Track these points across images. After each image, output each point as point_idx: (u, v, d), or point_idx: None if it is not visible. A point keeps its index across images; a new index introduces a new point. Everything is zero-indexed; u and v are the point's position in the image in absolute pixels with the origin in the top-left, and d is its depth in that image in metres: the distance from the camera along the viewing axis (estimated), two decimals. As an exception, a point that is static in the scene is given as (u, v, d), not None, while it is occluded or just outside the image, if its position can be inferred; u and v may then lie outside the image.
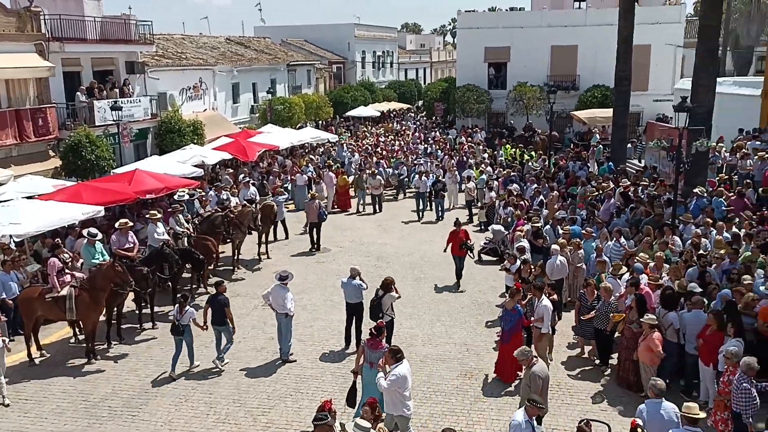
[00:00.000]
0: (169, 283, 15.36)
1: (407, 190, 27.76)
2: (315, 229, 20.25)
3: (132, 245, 15.03)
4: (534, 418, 8.02)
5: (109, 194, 17.21)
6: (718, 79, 21.06)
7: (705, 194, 17.42)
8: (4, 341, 11.38)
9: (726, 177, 19.55)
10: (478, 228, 22.43)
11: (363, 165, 27.95)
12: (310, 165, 27.62)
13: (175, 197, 18.86)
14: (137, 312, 14.55)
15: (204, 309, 12.68)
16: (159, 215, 16.15)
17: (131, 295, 14.22)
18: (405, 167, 28.03)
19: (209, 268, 17.07)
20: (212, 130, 28.59)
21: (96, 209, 16.27)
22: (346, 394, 10.16)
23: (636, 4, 25.77)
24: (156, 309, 14.82)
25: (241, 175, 23.93)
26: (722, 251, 13.20)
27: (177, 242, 16.28)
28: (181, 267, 15.29)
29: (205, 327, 12.34)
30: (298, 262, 18.91)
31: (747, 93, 26.37)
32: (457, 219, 17.48)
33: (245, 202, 19.42)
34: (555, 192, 20.84)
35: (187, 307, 12.22)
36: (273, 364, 12.61)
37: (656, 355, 10.37)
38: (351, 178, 26.80)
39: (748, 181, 18.22)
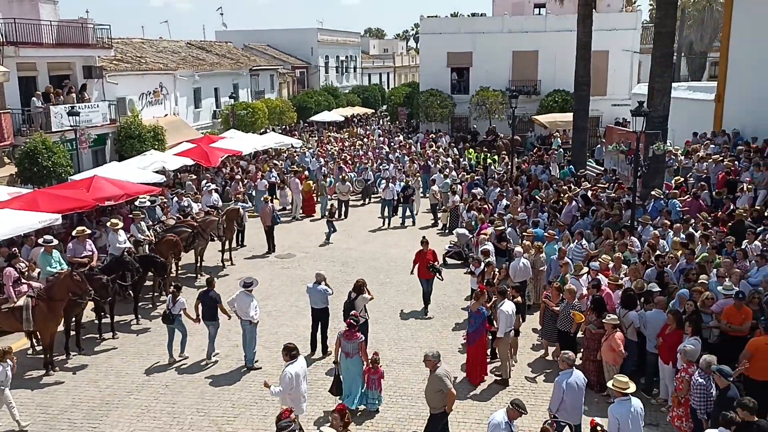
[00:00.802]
0: (130, 292, 15.08)
1: (372, 196, 27.80)
2: (269, 233, 20.51)
3: (90, 253, 14.74)
4: (513, 421, 8.05)
5: (67, 201, 16.80)
6: (673, 84, 21.56)
7: (662, 196, 17.85)
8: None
9: (682, 179, 20.05)
10: (442, 231, 22.58)
11: (328, 171, 27.91)
12: (273, 170, 27.44)
13: (136, 204, 18.55)
14: (97, 322, 14.23)
15: (195, 304, 12.79)
16: (119, 223, 15.85)
17: (90, 305, 13.92)
18: (371, 172, 28.04)
19: (171, 275, 16.84)
20: (173, 135, 28.21)
21: (53, 217, 15.85)
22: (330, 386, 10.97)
23: (594, 10, 26.28)
24: (116, 318, 14.52)
25: (204, 182, 23.64)
26: (678, 252, 13.54)
27: (138, 250, 16.01)
28: (142, 275, 15.02)
29: (197, 320, 12.67)
30: (263, 268, 18.76)
31: (701, 98, 27.11)
32: (424, 238, 15.59)
33: (208, 209, 19.20)
34: (518, 195, 21.11)
35: (180, 297, 12.74)
36: (238, 371, 12.48)
37: (618, 355, 10.56)
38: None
39: (703, 183, 18.72)
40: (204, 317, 12.72)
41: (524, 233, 16.46)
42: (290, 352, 9.43)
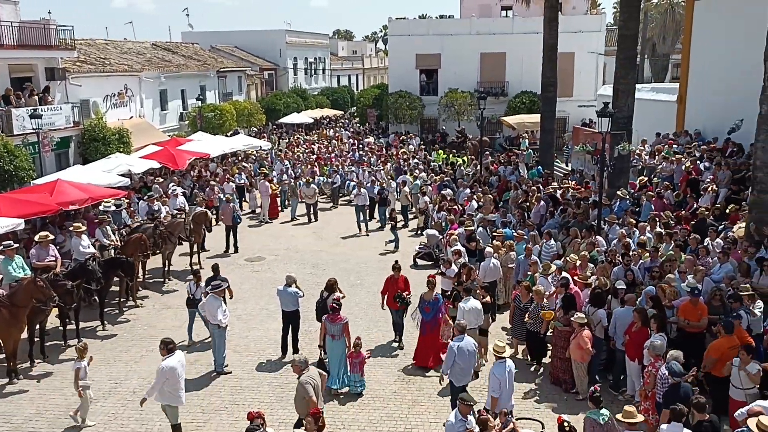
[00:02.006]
0: (96, 298, 14.81)
1: (341, 199, 27.74)
2: (231, 232, 20.55)
3: (53, 259, 14.43)
4: (467, 415, 8.15)
5: (30, 206, 16.41)
6: (637, 86, 21.99)
7: (627, 196, 18.16)
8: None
9: (646, 179, 20.41)
10: (414, 233, 22.62)
11: (299, 173, 27.74)
12: (242, 173, 27.21)
13: (101, 208, 18.23)
14: (61, 328, 13.94)
15: (205, 291, 13.12)
16: (83, 228, 15.56)
17: (54, 311, 13.63)
18: (339, 175, 27.94)
19: (138, 280, 16.60)
20: (139, 138, 27.76)
21: (15, 222, 15.47)
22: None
23: (559, 13, 26.63)
24: (82, 325, 14.25)
25: (171, 185, 23.33)
26: (644, 252, 13.79)
27: (104, 255, 15.74)
28: (108, 280, 14.76)
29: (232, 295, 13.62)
30: (233, 272, 18.55)
31: (664, 99, 27.63)
32: (396, 263, 13.65)
33: (175, 212, 18.95)
34: (488, 196, 21.26)
35: (201, 282, 13.35)
36: (207, 376, 12.34)
37: (586, 353, 10.72)
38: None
39: (667, 183, 19.09)
40: None
41: (494, 233, 16.59)
42: (167, 346, 9.65)
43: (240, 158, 31.70)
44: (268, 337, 13.96)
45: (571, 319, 10.98)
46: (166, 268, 17.91)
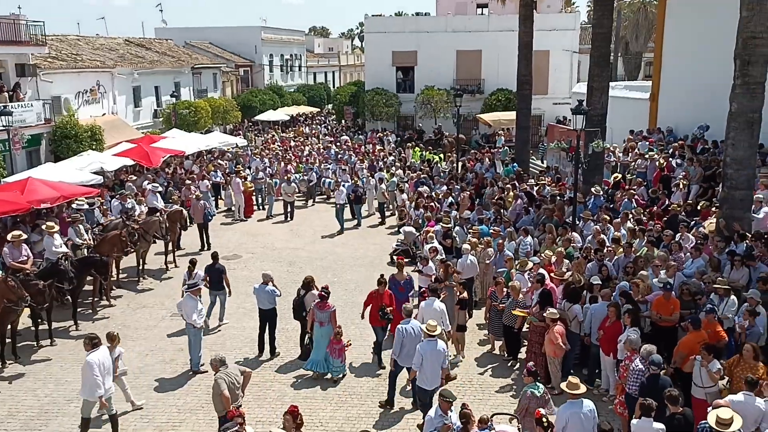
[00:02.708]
0: (68, 297, 14.60)
1: (318, 196, 27.68)
2: (203, 230, 20.49)
3: (26, 258, 14.19)
4: (447, 411, 8.21)
5: (0, 204, 16.13)
6: (611, 84, 22.25)
7: (601, 193, 18.37)
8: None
9: (620, 176, 20.68)
10: (394, 230, 22.60)
11: (274, 171, 27.57)
12: (217, 170, 26.98)
13: (73, 206, 17.95)
14: (33, 329, 13.70)
15: (204, 277, 13.91)
16: (56, 227, 15.31)
17: (26, 311, 13.41)
18: (314, 173, 27.78)
19: (112, 279, 16.40)
20: (112, 135, 27.41)
21: (-15, 221, 15.23)
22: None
23: (534, 11, 26.81)
24: (54, 325, 14.02)
25: (145, 182, 23.05)
26: (620, 250, 13.97)
27: (77, 254, 15.51)
28: (80, 279, 14.55)
29: (208, 285, 14.01)
30: (208, 270, 18.43)
31: (637, 96, 28.02)
32: (382, 276, 12.91)
33: (150, 210, 18.75)
34: (466, 193, 21.35)
35: (196, 270, 13.87)
36: (183, 375, 12.24)
37: (558, 348, 10.82)
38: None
39: (640, 180, 19.36)
40: (211, 287, 14.14)
41: (470, 230, 16.68)
42: (92, 341, 9.76)
43: (215, 156, 31.43)
44: (244, 336, 13.89)
45: (544, 315, 11.08)
46: (141, 267, 17.71)
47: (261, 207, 25.75)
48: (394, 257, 19.02)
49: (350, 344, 12.35)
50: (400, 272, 13.50)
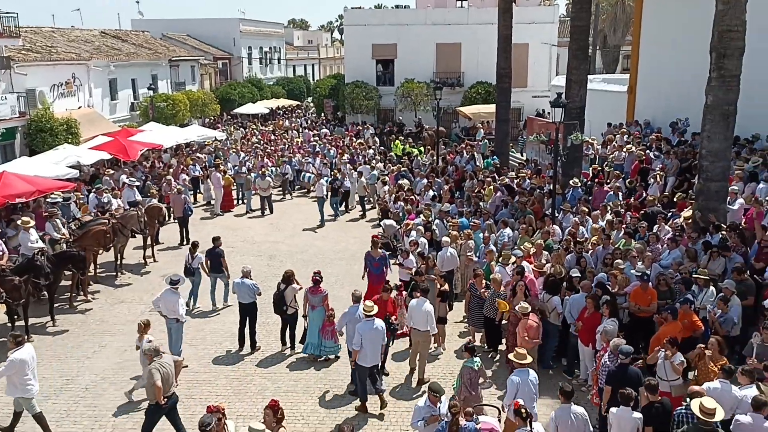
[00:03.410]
0: (45, 293, 14.41)
1: (298, 190, 27.54)
2: (182, 224, 20.38)
3: (1, 254, 13.98)
4: (436, 404, 8.29)
5: (-27, 199, 15.87)
6: (589, 77, 22.39)
7: (579, 185, 18.51)
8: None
9: (599, 168, 20.84)
10: (375, 224, 22.59)
11: (251, 165, 27.33)
12: (196, 164, 26.75)
13: (48, 200, 17.70)
14: (10, 324, 13.51)
15: (204, 261, 14.76)
16: (31, 222, 15.09)
17: (2, 307, 13.22)
18: (289, 167, 27.55)
19: (90, 274, 16.21)
20: (88, 128, 27.02)
21: (-42, 216, 14.95)
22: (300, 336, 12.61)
23: (513, 4, 26.86)
24: (31, 321, 13.84)
25: (123, 176, 22.79)
26: (595, 238, 14.12)
27: (55, 248, 15.31)
28: (57, 275, 14.35)
29: (208, 272, 14.77)
30: (187, 265, 18.30)
31: (615, 89, 28.24)
32: (387, 282, 12.72)
33: (128, 205, 18.54)
34: (446, 186, 21.39)
35: (197, 253, 14.67)
36: (163, 371, 12.13)
37: (524, 341, 10.88)
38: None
39: (617, 172, 19.52)
40: (211, 270, 14.80)
41: (450, 223, 16.72)
42: (16, 339, 9.80)
43: (194, 149, 31.17)
44: (224, 330, 13.82)
45: (516, 308, 11.14)
46: (119, 262, 17.53)
47: (241, 201, 25.57)
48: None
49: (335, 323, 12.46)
50: (375, 249, 14.32)
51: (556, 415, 8.28)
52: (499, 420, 8.77)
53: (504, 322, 12.30)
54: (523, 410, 7.88)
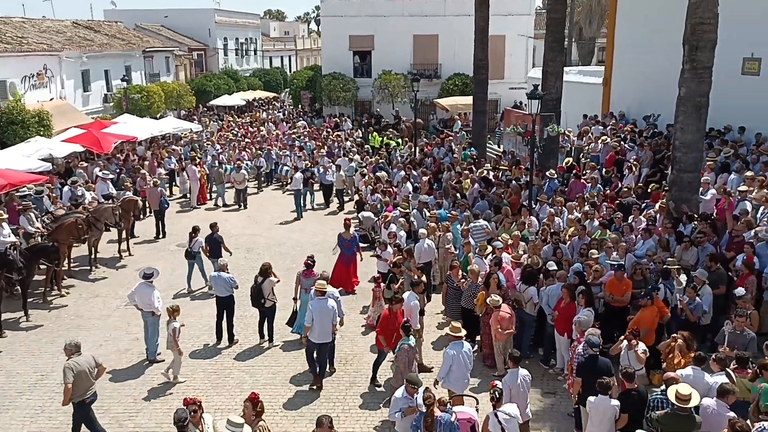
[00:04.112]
0: (18, 288, 14.18)
1: (275, 183, 27.38)
2: (158, 217, 20.19)
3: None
4: (414, 395, 8.33)
5: (-58, 193, 15.55)
6: (565, 69, 22.53)
7: (556, 176, 18.67)
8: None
9: (575, 160, 21.04)
10: (353, 216, 22.53)
11: (226, 158, 27.07)
12: (171, 156, 26.45)
13: (18, 194, 17.40)
14: (-18, 321, 13.31)
15: (204, 246, 15.19)
16: (4, 215, 14.83)
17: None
18: (263, 159, 27.34)
19: (64, 268, 15.99)
20: (61, 120, 26.56)
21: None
22: (288, 319, 12.85)
23: (490, -5, 26.88)
24: (4, 316, 13.62)
25: (96, 169, 22.46)
26: (571, 228, 14.26)
27: (29, 242, 15.06)
28: (30, 269, 14.13)
29: (208, 254, 15.17)
30: (164, 258, 18.14)
31: (590, 81, 28.46)
32: (398, 290, 12.21)
33: (102, 198, 18.30)
34: (425, 177, 21.42)
35: (197, 237, 15.18)
36: (139, 365, 12.05)
37: (497, 333, 10.98)
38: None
39: (593, 163, 19.73)
40: (211, 254, 14.98)
41: (429, 215, 16.74)
42: None
43: (170, 141, 30.82)
44: (202, 323, 13.73)
45: (487, 301, 11.22)
46: (93, 256, 17.32)
47: (211, 195, 25.23)
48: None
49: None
50: (347, 231, 15.60)
51: (505, 379, 8.86)
52: (477, 410, 8.84)
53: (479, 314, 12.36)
54: (496, 392, 8.02)
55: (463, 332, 9.73)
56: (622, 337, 9.72)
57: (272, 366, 12.01)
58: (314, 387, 11.13)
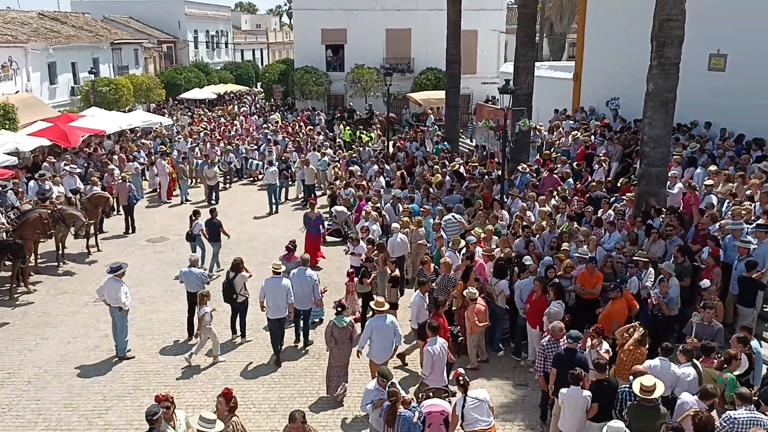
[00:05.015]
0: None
1: (245, 178, 27.16)
2: (128, 212, 19.97)
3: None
4: (385, 387, 8.37)
5: None
6: (537, 64, 22.70)
7: (527, 170, 18.82)
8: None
9: (548, 154, 21.21)
10: (325, 211, 22.46)
11: (197, 152, 26.71)
12: (141, 150, 26.04)
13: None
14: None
15: (204, 230, 16.09)
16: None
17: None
18: (233, 155, 27.05)
19: (30, 264, 15.69)
20: (27, 114, 25.98)
21: None
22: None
23: (462, -10, 26.94)
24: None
25: (63, 163, 22.02)
26: (543, 222, 14.40)
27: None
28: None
29: (207, 237, 16.11)
30: (134, 253, 17.90)
31: (561, 76, 28.73)
32: (438, 296, 11.27)
33: (70, 192, 17.96)
34: (399, 172, 21.42)
35: (197, 220, 16.15)
36: (109, 362, 11.88)
37: (474, 325, 11.07)
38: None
39: (564, 158, 19.92)
40: (210, 239, 16.07)
41: (402, 209, 16.77)
42: None
43: (139, 135, 30.35)
44: (173, 320, 13.58)
45: (463, 293, 11.30)
46: (61, 252, 17.01)
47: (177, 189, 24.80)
48: (326, 237, 19.03)
49: (326, 290, 13.28)
50: (312, 210, 17.18)
51: (427, 348, 9.51)
52: (449, 401, 8.89)
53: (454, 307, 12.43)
54: (461, 378, 8.10)
55: (386, 306, 10.36)
56: (586, 334, 9.82)
57: (245, 361, 11.94)
58: (274, 363, 11.83)
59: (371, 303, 10.97)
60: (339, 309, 10.64)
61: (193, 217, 16.37)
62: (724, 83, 18.59)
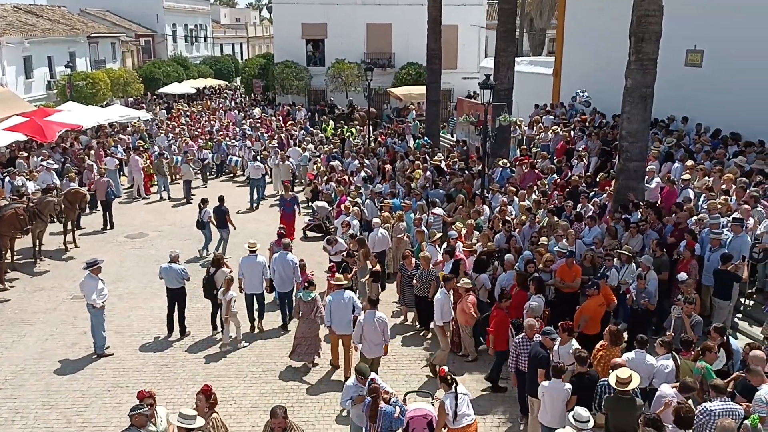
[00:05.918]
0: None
1: (225, 175, 26.97)
2: (105, 208, 19.75)
3: None
4: (364, 384, 8.37)
5: None
6: (517, 59, 22.80)
7: (508, 165, 18.91)
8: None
9: (527, 149, 21.33)
10: (305, 206, 22.38)
11: (176, 148, 26.43)
12: (119, 146, 25.72)
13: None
14: None
15: (212, 217, 16.67)
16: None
17: None
18: (207, 152, 26.77)
19: (6, 261, 15.46)
20: (1, 108, 25.51)
21: None
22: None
23: (443, -15, 26.92)
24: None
25: (39, 159, 21.69)
26: (524, 217, 14.49)
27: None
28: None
29: (215, 224, 16.68)
30: (112, 249, 17.72)
31: (541, 72, 28.91)
32: (503, 291, 11.12)
33: (45, 188, 17.71)
34: (385, 166, 21.39)
35: (205, 208, 16.72)
36: (87, 359, 11.76)
37: (470, 317, 11.13)
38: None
39: (544, 153, 20.06)
40: (217, 226, 16.68)
41: (383, 204, 16.75)
42: None
43: (116, 130, 29.97)
44: (152, 316, 13.47)
45: (458, 284, 11.34)
46: (37, 248, 16.77)
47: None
48: (307, 232, 18.99)
49: (313, 274, 13.29)
50: (286, 192, 18.42)
51: (360, 319, 10.27)
52: (433, 404, 8.87)
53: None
54: (449, 377, 8.11)
55: (344, 282, 11.17)
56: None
57: (225, 358, 11.88)
58: (256, 330, 12.89)
59: (331, 280, 11.83)
60: (306, 285, 11.35)
61: (202, 205, 16.87)
62: (701, 79, 18.82)
